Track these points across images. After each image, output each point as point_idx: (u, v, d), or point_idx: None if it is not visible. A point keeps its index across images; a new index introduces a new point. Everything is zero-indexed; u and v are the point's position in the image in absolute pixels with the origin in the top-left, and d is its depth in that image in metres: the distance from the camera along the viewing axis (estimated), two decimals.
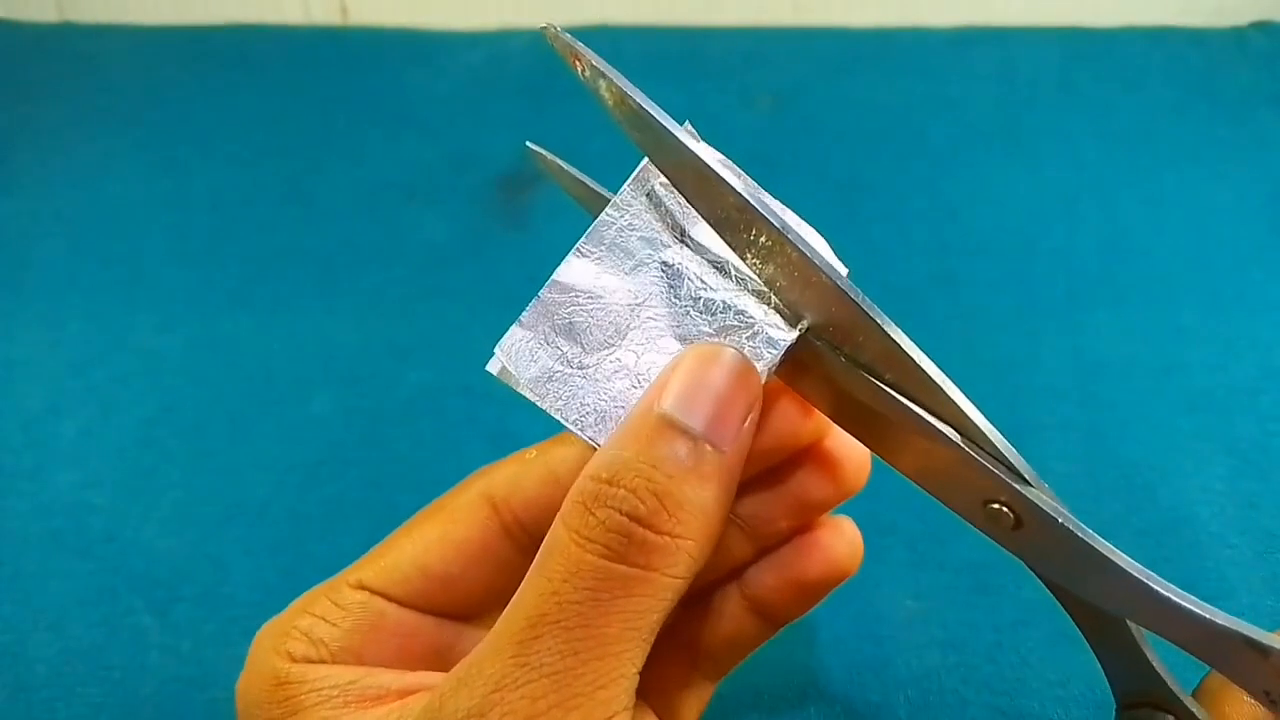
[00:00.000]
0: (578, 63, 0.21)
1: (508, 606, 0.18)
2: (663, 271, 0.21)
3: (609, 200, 0.22)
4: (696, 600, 0.25)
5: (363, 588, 0.22)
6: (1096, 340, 0.41)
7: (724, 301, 0.21)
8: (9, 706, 0.31)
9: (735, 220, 0.20)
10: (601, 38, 0.58)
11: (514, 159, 0.50)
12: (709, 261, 0.21)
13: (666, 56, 0.57)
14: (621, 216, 0.21)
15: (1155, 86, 0.54)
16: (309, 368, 0.41)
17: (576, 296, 0.21)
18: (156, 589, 0.34)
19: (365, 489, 0.36)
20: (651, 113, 0.20)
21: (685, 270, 0.21)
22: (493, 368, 0.21)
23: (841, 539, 0.24)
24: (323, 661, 0.21)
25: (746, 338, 0.20)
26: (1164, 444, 0.37)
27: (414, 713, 0.18)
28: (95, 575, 0.34)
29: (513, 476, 0.23)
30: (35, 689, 0.31)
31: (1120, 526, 0.34)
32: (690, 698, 0.25)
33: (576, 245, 0.21)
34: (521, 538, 0.22)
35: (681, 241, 0.21)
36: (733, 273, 0.21)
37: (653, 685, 0.24)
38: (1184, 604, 0.18)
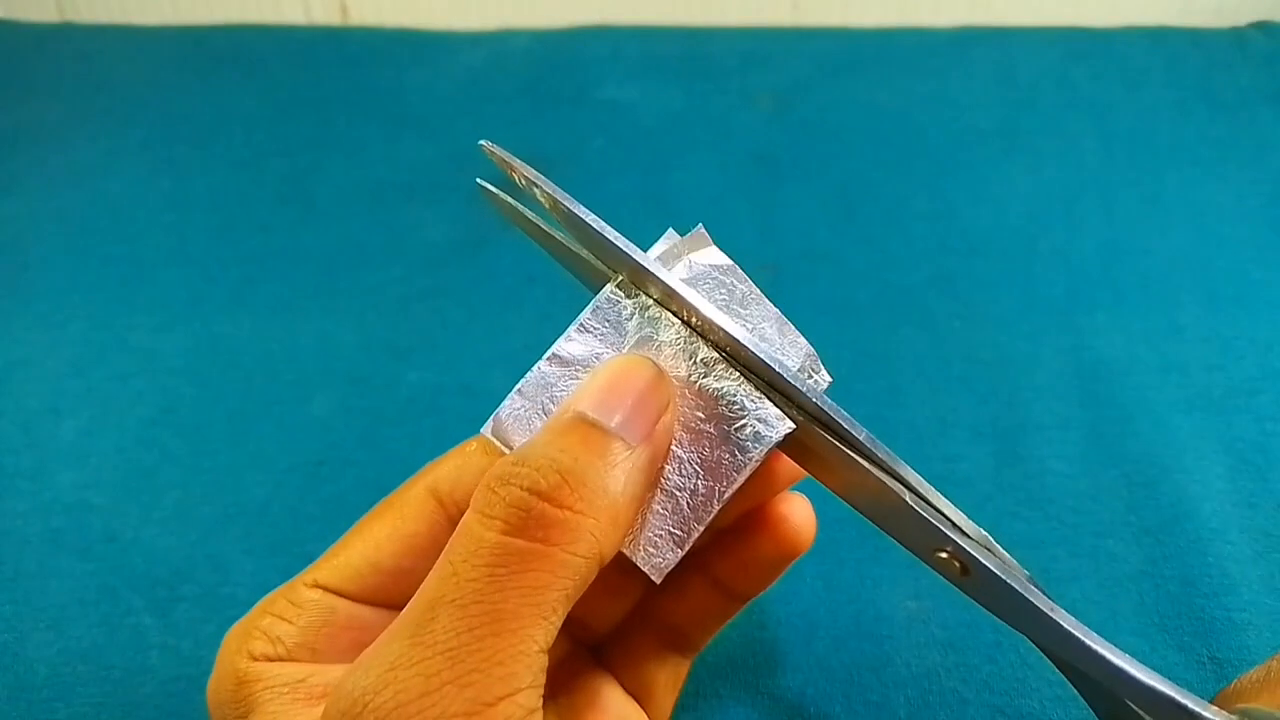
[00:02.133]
0: (513, 173, 0.22)
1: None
2: (660, 354, 0.21)
3: (559, 240, 0.23)
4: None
5: (318, 586, 0.22)
6: (1096, 340, 0.41)
7: (717, 390, 0.21)
8: (9, 706, 0.31)
9: (669, 301, 0.21)
10: (601, 38, 0.58)
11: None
12: (706, 348, 0.21)
13: (666, 56, 0.57)
14: (625, 296, 0.22)
15: (1155, 87, 0.54)
16: (309, 368, 0.41)
17: (575, 370, 0.22)
18: (157, 589, 0.34)
19: (365, 489, 0.36)
20: (581, 214, 0.21)
21: (681, 356, 0.21)
22: (487, 430, 0.22)
23: (790, 519, 0.24)
24: (280, 659, 0.21)
25: (736, 428, 0.21)
26: (1163, 443, 0.37)
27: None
28: (95, 575, 0.34)
29: (455, 470, 0.23)
30: (35, 689, 0.31)
31: (1120, 525, 0.35)
32: (664, 673, 0.25)
33: (578, 319, 0.22)
34: None
35: (683, 325, 0.22)
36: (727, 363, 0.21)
37: (625, 661, 0.25)
38: (1118, 662, 0.19)
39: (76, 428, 0.39)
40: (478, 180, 0.25)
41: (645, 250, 0.22)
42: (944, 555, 0.20)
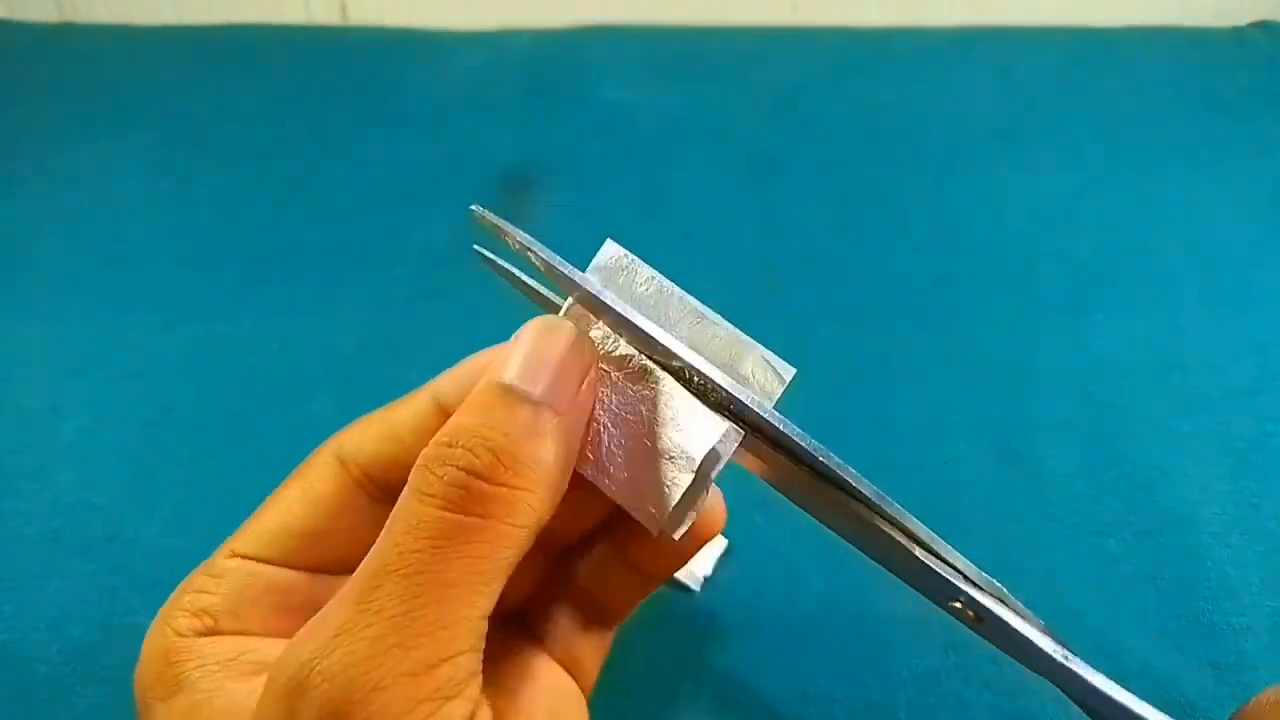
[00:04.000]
0: (507, 238, 0.22)
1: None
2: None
3: (554, 304, 0.24)
4: (575, 551, 0.26)
5: (235, 555, 0.23)
6: (1096, 340, 0.41)
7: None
8: (9, 706, 0.31)
9: (667, 360, 0.21)
10: (602, 38, 0.58)
11: (515, 160, 0.50)
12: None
13: (667, 56, 0.57)
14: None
15: (1155, 86, 0.54)
16: (310, 368, 0.41)
17: None
18: (157, 589, 0.33)
19: None
20: (574, 278, 0.21)
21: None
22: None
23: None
24: (208, 632, 0.22)
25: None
26: (1163, 444, 0.37)
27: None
28: (96, 575, 0.34)
29: (357, 435, 0.24)
30: (36, 688, 0.31)
31: (1120, 526, 0.35)
32: (589, 644, 0.26)
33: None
34: (372, 490, 0.24)
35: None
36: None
37: (550, 632, 0.25)
38: (1138, 710, 0.19)
39: (77, 427, 0.39)
40: (475, 247, 0.26)
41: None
42: (958, 605, 0.21)
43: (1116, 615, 0.32)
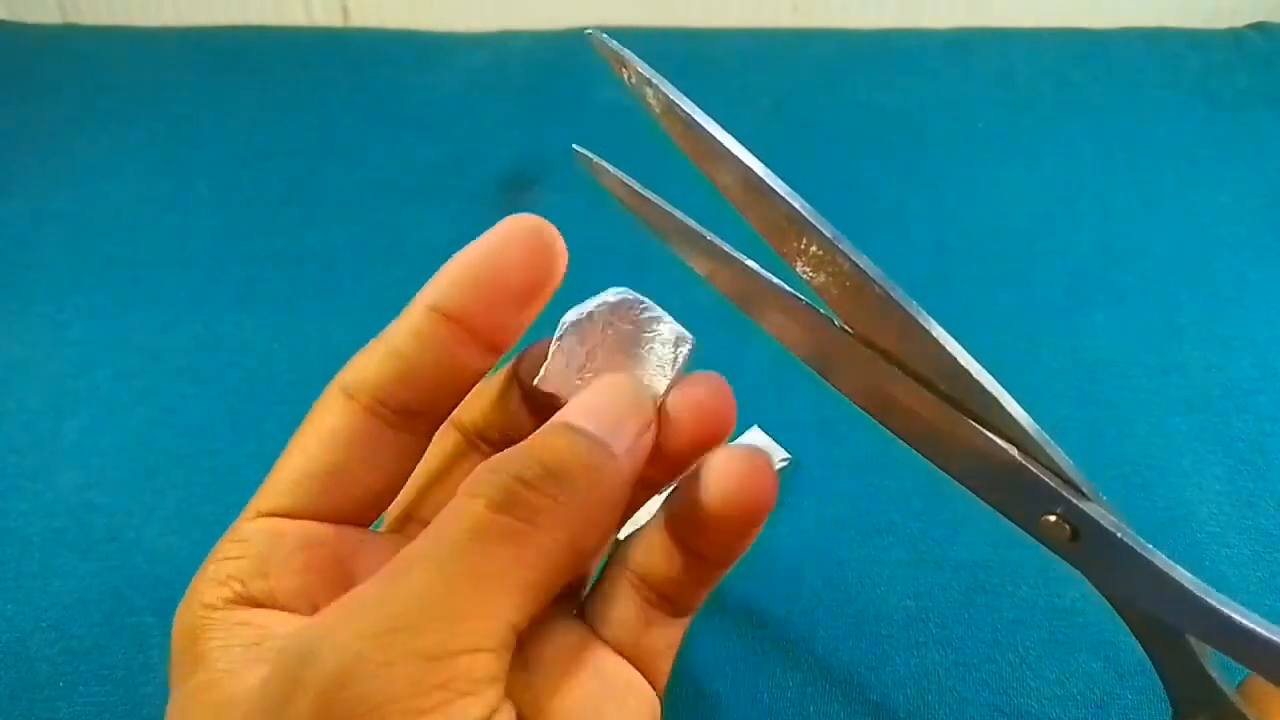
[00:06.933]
0: (624, 69, 0.21)
1: None
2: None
3: (651, 200, 0.24)
4: (635, 537, 0.24)
5: (260, 515, 0.22)
6: (1095, 340, 0.41)
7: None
8: (11, 705, 0.31)
9: (786, 229, 0.21)
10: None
11: (515, 160, 0.50)
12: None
13: (667, 58, 0.57)
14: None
15: (1153, 88, 0.54)
16: (310, 368, 0.41)
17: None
18: (159, 588, 0.34)
19: None
20: (700, 121, 0.21)
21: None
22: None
23: (733, 461, 0.22)
24: (238, 598, 0.21)
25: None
26: (1162, 444, 0.37)
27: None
28: (97, 575, 0.34)
29: (358, 365, 0.23)
30: (37, 688, 0.31)
31: None
32: (653, 634, 0.24)
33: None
34: (385, 414, 0.23)
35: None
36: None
37: (611, 620, 0.24)
38: (1245, 622, 0.18)
39: (79, 428, 0.39)
40: (574, 146, 0.25)
41: None
42: (1052, 519, 0.19)
43: (1115, 614, 0.32)
